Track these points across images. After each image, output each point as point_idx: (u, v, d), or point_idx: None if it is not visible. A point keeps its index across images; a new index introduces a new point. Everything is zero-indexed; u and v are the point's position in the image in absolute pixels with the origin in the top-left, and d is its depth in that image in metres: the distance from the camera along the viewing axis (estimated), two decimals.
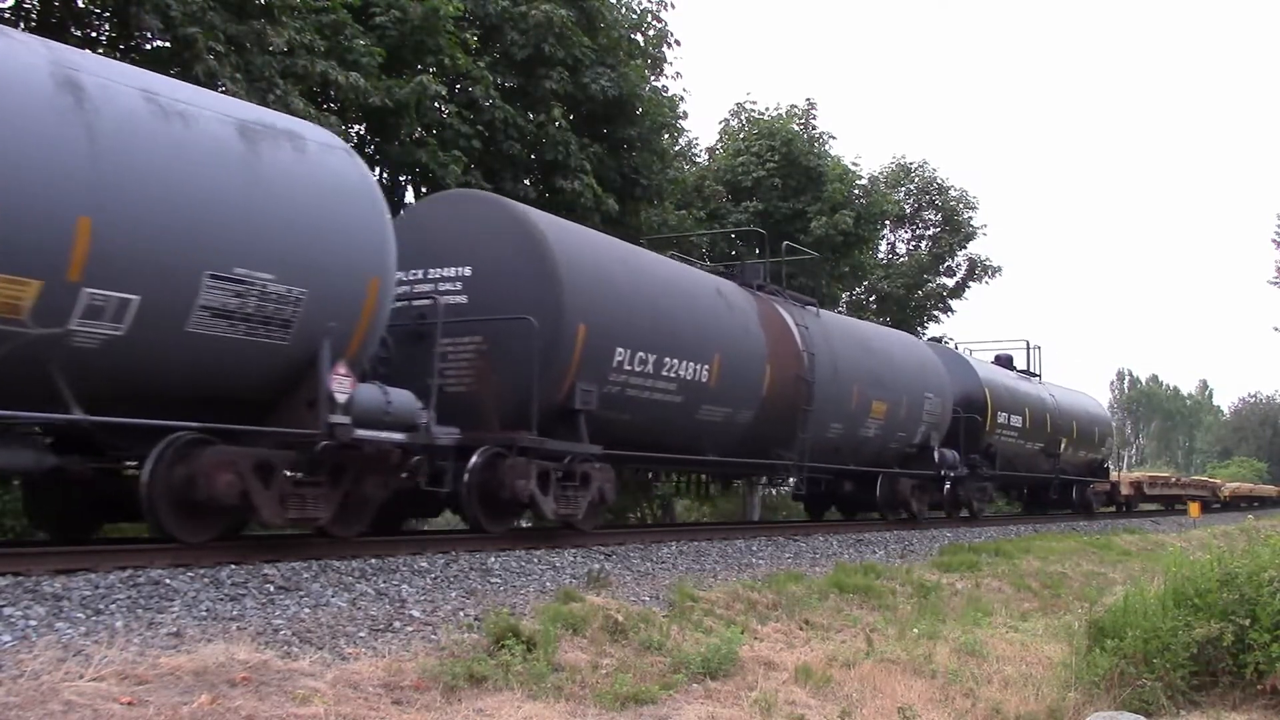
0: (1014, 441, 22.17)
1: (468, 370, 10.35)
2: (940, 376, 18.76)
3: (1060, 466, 25.20)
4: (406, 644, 6.19)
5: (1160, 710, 6.50)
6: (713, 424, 12.86)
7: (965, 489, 19.70)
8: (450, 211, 11.05)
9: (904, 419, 17.17)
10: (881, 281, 32.79)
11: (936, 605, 10.15)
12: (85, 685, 4.61)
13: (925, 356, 18.93)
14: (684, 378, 12.02)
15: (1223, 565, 7.08)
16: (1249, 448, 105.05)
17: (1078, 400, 28.30)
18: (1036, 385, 25.01)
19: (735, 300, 13.70)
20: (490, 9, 17.31)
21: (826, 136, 27.42)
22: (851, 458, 16.17)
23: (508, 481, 9.80)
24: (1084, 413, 27.77)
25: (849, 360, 15.71)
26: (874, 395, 16.22)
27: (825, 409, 14.83)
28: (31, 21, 11.82)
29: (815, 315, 15.58)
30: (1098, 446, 28.47)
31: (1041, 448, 23.93)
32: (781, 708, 6.09)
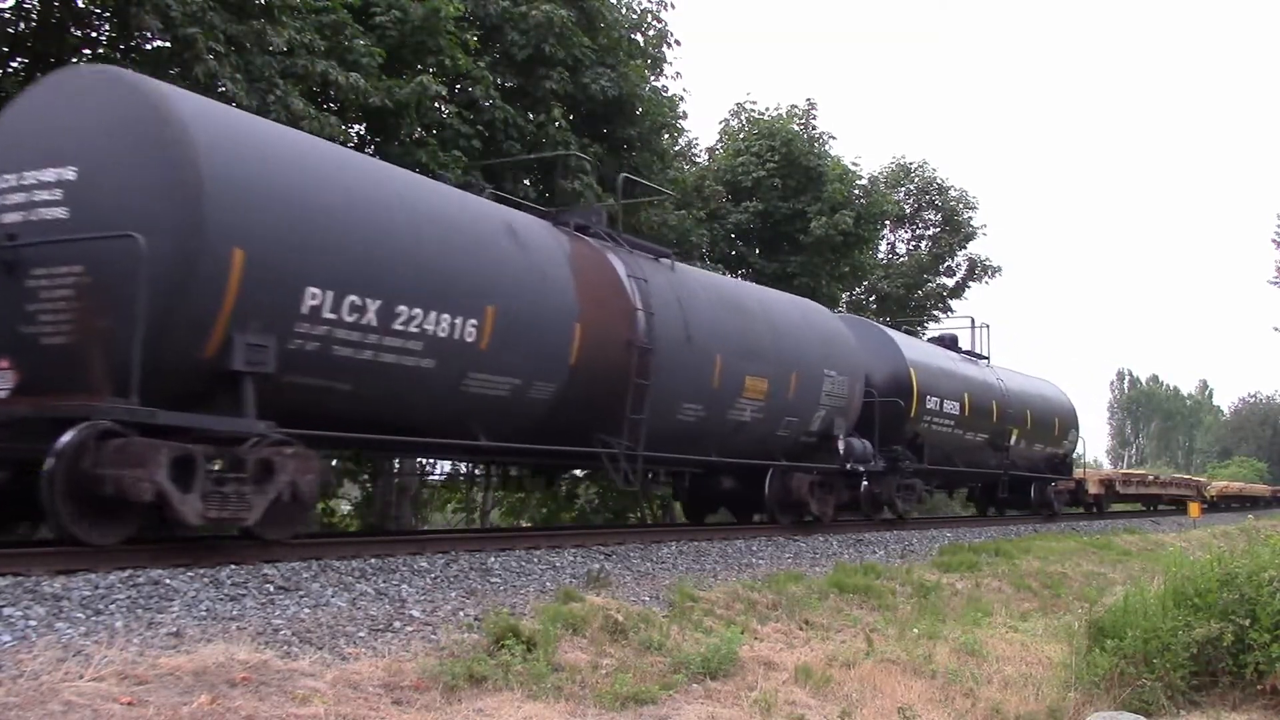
0: (949, 432, 19.26)
1: (66, 313, 7.43)
2: (848, 352, 15.82)
3: (1011, 461, 22.36)
4: (406, 644, 6.19)
5: (1160, 710, 6.51)
6: (490, 399, 9.84)
7: (885, 486, 17.00)
8: (54, 97, 7.91)
9: (794, 401, 14.24)
10: (881, 281, 32.78)
11: (936, 605, 10.15)
12: (85, 685, 4.61)
13: (827, 327, 15.79)
14: (435, 335, 9.01)
15: (1223, 565, 7.09)
16: (1249, 448, 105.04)
17: (1034, 387, 25.18)
18: (982, 368, 22.02)
19: (534, 240, 10.59)
20: (490, 9, 17.32)
21: (826, 136, 27.42)
22: (717, 447, 13.23)
23: (113, 473, 6.92)
24: (1041, 401, 24.69)
25: (710, 324, 12.74)
26: (748, 370, 13.19)
27: (673, 384, 11.97)
28: (32, 22, 11.81)
29: (668, 269, 12.79)
30: (1059, 439, 25.53)
31: (986, 439, 21.03)
32: (781, 708, 6.09)
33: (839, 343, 15.80)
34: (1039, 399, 24.57)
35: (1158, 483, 36.59)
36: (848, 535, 15.06)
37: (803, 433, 14.77)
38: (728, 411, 13.05)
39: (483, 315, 9.52)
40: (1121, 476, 32.46)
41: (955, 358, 20.92)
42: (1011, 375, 23.80)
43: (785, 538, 13.80)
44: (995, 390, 21.62)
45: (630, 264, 11.86)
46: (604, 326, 11.07)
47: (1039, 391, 25.21)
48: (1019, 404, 22.59)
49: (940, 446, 19.09)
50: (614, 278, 11.56)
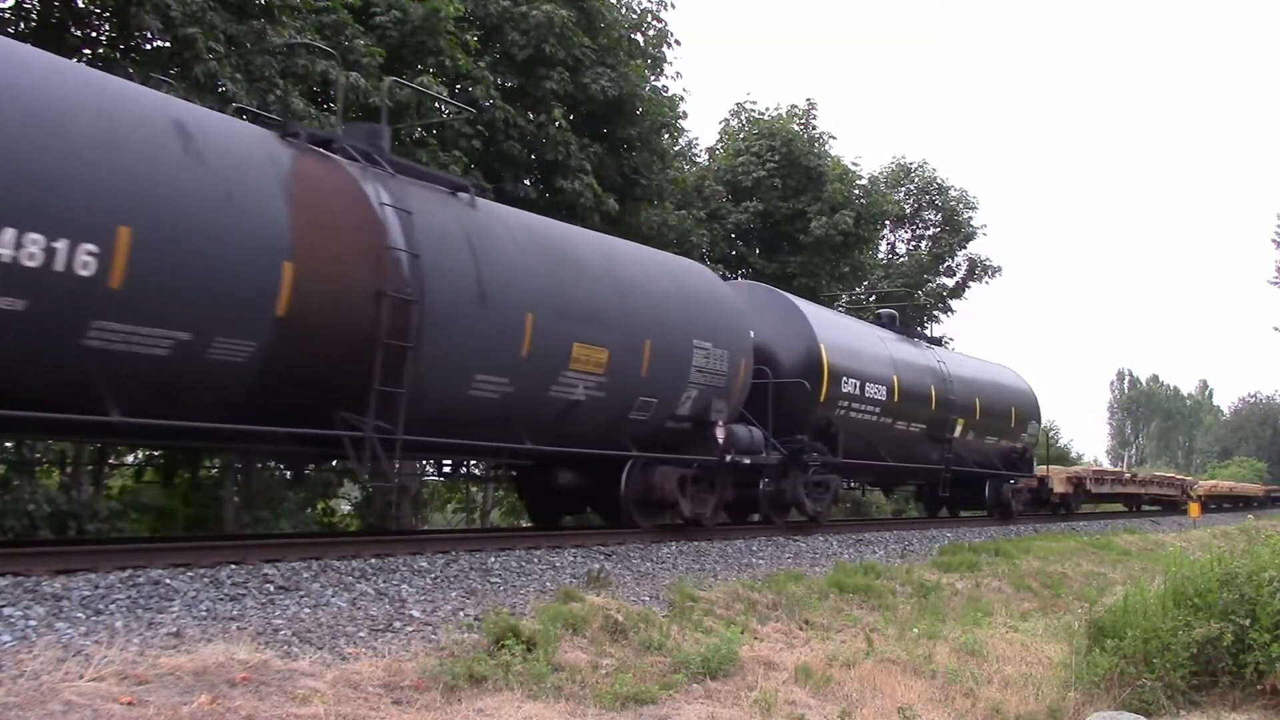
0: (873, 420, 16.72)
1: None
2: (729, 322, 13.11)
3: (956, 456, 19.76)
4: (406, 644, 6.19)
5: (1160, 710, 6.50)
6: (134, 359, 7.24)
7: (790, 483, 14.82)
8: None
9: (650, 378, 11.65)
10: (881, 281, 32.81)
11: (936, 605, 10.15)
12: (85, 685, 4.61)
13: (700, 290, 12.94)
14: (20, 264, 6.47)
15: (1223, 565, 7.09)
16: (1249, 448, 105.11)
17: (987, 373, 22.55)
18: (921, 350, 19.52)
19: (219, 148, 7.90)
20: (491, 9, 17.34)
21: (826, 136, 27.52)
22: (538, 432, 10.65)
23: None
24: (994, 389, 21.97)
25: (519, 276, 10.10)
26: (578, 335, 10.65)
27: (459, 350, 9.41)
28: (32, 22, 11.81)
29: (464, 204, 10.08)
30: (1016, 432, 22.80)
31: (923, 430, 18.49)
32: (781, 708, 6.09)
33: (716, 310, 12.94)
34: (991, 387, 21.94)
35: (1136, 481, 33.78)
36: (848, 535, 15.06)
37: (668, 417, 12.18)
38: (549, 388, 10.43)
39: (110, 239, 6.84)
40: (1093, 474, 29.31)
41: (886, 336, 18.41)
42: (958, 360, 21.39)
43: (785, 538, 13.80)
44: (935, 375, 18.95)
45: (393, 192, 9.10)
46: (335, 269, 8.41)
47: (992, 378, 22.57)
48: (965, 391, 19.94)
49: (862, 437, 16.54)
50: (359, 208, 8.82)
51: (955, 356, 21.53)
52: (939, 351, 20.32)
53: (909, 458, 18.43)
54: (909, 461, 18.53)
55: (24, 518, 11.66)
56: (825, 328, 15.92)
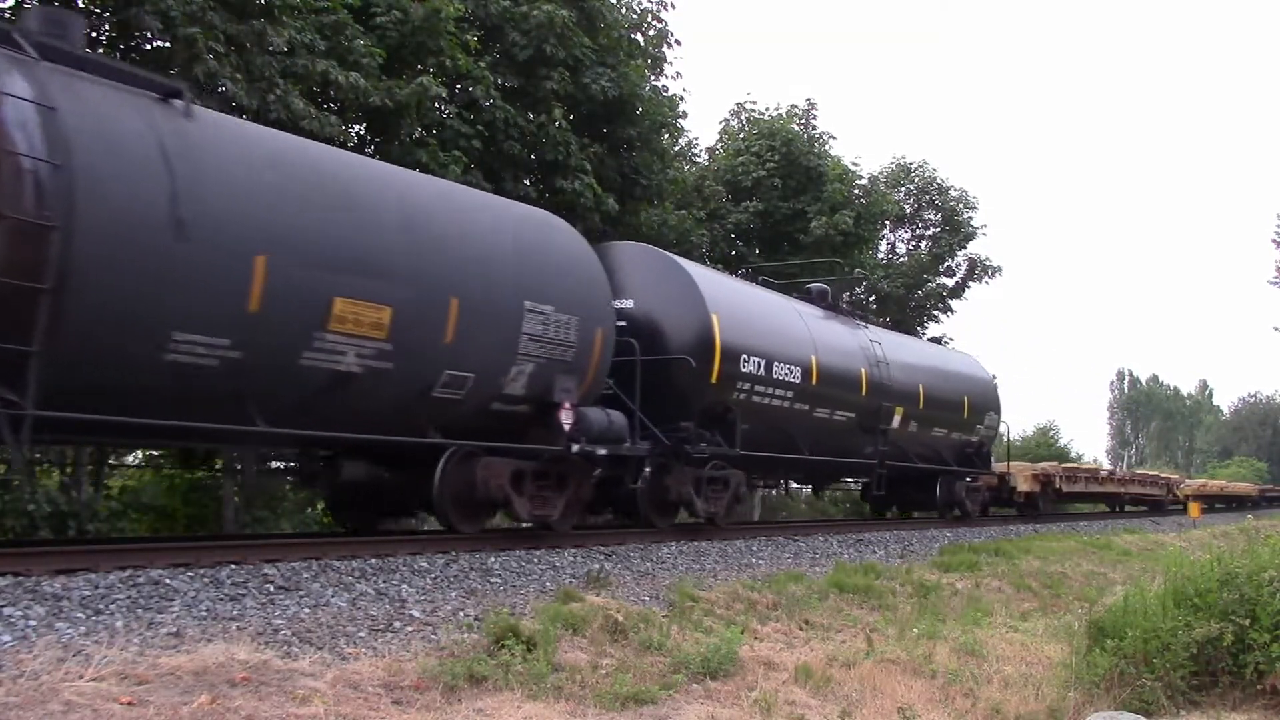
0: (784, 406, 14.33)
1: None
2: (580, 282, 10.83)
3: (894, 449, 17.55)
4: (406, 644, 6.20)
5: (1160, 710, 6.50)
6: None
7: (676, 479, 12.48)
8: None
9: (458, 346, 9.36)
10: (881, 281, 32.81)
11: (936, 605, 10.15)
12: (85, 685, 4.62)
13: (539, 242, 10.57)
14: None
15: (1223, 565, 7.09)
16: (1249, 448, 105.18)
17: (934, 358, 20.46)
18: (851, 328, 17.12)
19: None
20: (491, 9, 17.34)
21: (826, 136, 27.47)
22: (284, 411, 8.39)
23: None
24: (942, 376, 19.66)
25: (247, 205, 7.85)
26: (340, 288, 8.37)
27: (142, 299, 7.20)
28: None
29: (176, 114, 7.70)
30: (970, 424, 20.38)
31: (852, 420, 16.18)
32: (781, 708, 6.09)
33: (563, 267, 10.64)
34: (939, 373, 19.61)
35: (1115, 480, 30.83)
36: (848, 535, 15.06)
37: (493, 397, 9.95)
38: (300, 355, 8.19)
39: None
40: (1064, 472, 26.42)
41: (806, 312, 16.10)
42: (900, 342, 19.08)
43: (785, 538, 13.81)
44: (867, 357, 16.66)
45: (33, 83, 6.88)
46: None
47: (941, 364, 20.32)
48: (906, 377, 17.75)
49: (773, 426, 14.24)
50: None
51: (896, 338, 19.14)
52: (876, 332, 17.92)
53: (836, 450, 16.02)
54: (836, 455, 16.07)
55: (24, 518, 11.65)
56: (720, 297, 13.38)
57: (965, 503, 20.15)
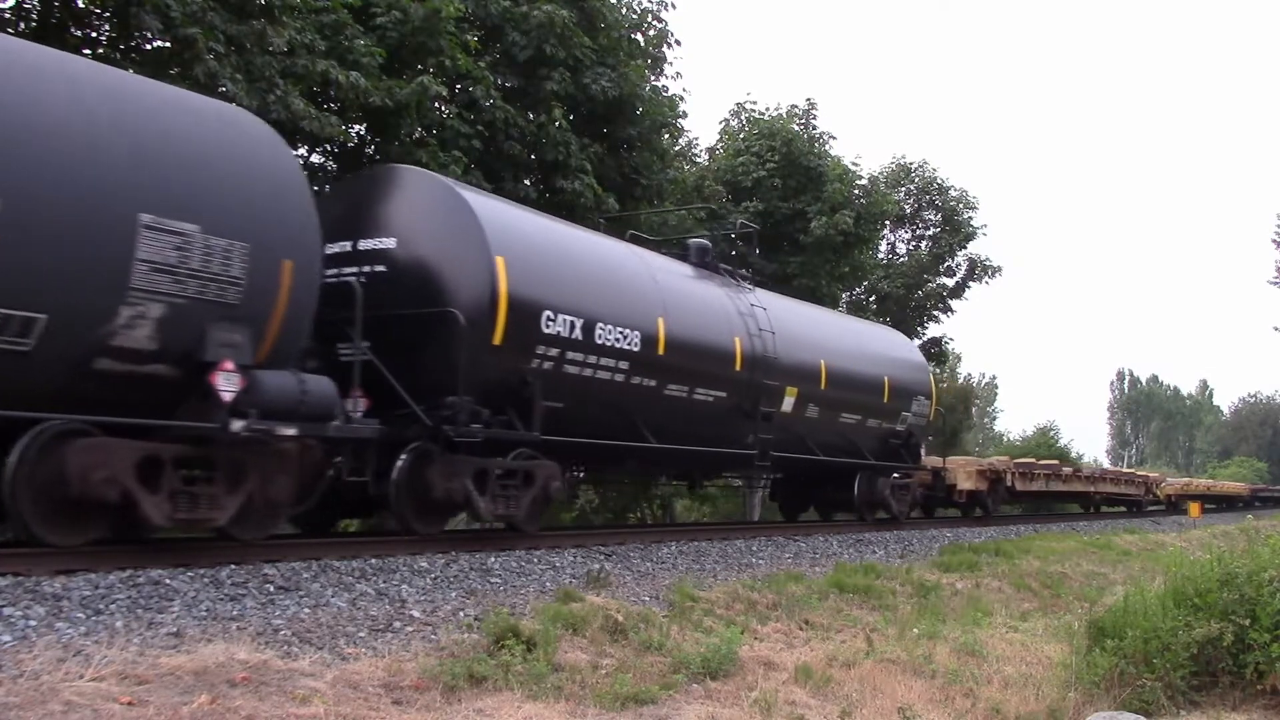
0: (616, 381, 11.38)
1: None
2: (257, 190, 7.97)
3: (786, 438, 14.46)
4: (406, 644, 6.20)
5: (1160, 710, 6.51)
6: None
7: (442, 470, 9.47)
8: None
9: (13, 268, 6.56)
10: (881, 281, 32.81)
11: (936, 605, 10.16)
12: (85, 685, 4.62)
13: (174, 126, 7.60)
14: None
15: (1223, 565, 7.09)
16: (1249, 448, 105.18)
17: (843, 330, 17.40)
18: (726, 289, 14.10)
19: None
20: (491, 9, 17.35)
21: (826, 136, 27.43)
22: None
23: None
24: (853, 353, 16.57)
25: None
26: None
27: None
28: (32, 22, 11.82)
29: None
30: (893, 411, 17.33)
31: (723, 400, 13.08)
32: (781, 708, 6.09)
33: (225, 170, 7.77)
34: (850, 349, 16.62)
35: (1083, 478, 27.29)
36: (848, 535, 15.05)
37: (95, 351, 7.04)
38: None
39: None
40: (1017, 468, 23.06)
41: (654, 264, 12.97)
42: (793, 309, 16.05)
43: (785, 537, 13.80)
44: (745, 325, 13.66)
45: None
46: None
47: (852, 338, 17.18)
48: (801, 351, 14.83)
49: (600, 405, 11.35)
50: None
51: (790, 305, 16.21)
52: (764, 296, 14.82)
53: (700, 438, 12.98)
54: (698, 443, 12.95)
55: None
56: (514, 237, 10.42)
57: (891, 502, 17.16)
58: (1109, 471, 31.20)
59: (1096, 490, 27.93)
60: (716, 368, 13.02)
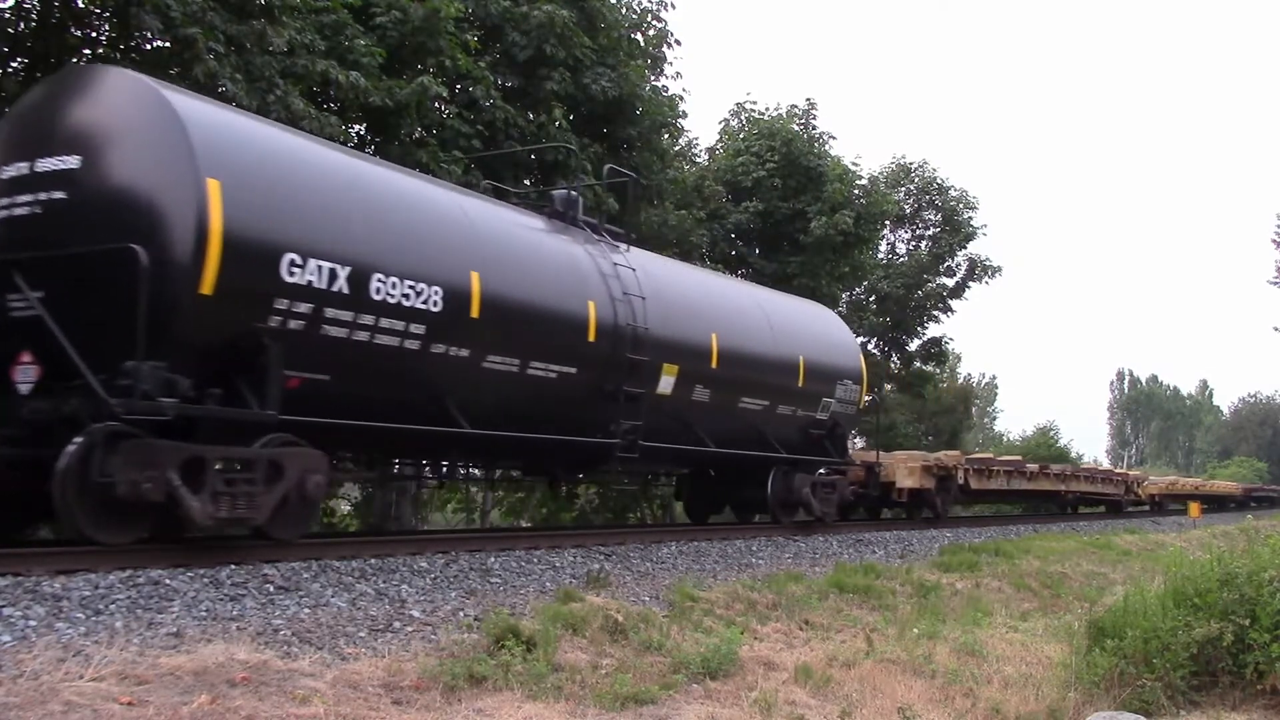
0: (404, 349, 8.97)
1: None
2: None
3: (661, 425, 12.05)
4: (406, 644, 6.20)
5: (1160, 710, 6.50)
6: None
7: (132, 458, 7.06)
8: None
9: None
10: (881, 281, 32.80)
11: (936, 605, 10.15)
12: (85, 685, 4.62)
13: None
14: None
15: (1223, 565, 7.09)
16: (1249, 448, 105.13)
17: (743, 299, 14.52)
18: (582, 245, 11.60)
19: None
20: (491, 9, 17.35)
21: (826, 136, 27.42)
22: None
23: None
24: (757, 324, 14.10)
25: None
26: None
27: None
28: (32, 22, 11.81)
29: None
30: (811, 397, 14.87)
31: (572, 378, 10.78)
32: (781, 708, 6.09)
33: None
34: (755, 324, 14.06)
35: (1052, 475, 24.56)
36: (848, 535, 15.04)
37: None
38: None
39: None
40: (972, 464, 20.41)
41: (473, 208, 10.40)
42: (679, 272, 13.71)
43: (785, 537, 13.79)
44: (603, 287, 11.28)
45: None
46: None
47: (758, 313, 14.34)
48: (689, 322, 12.62)
49: (383, 378, 8.91)
50: None
51: (676, 269, 13.84)
52: (639, 257, 12.42)
53: (541, 423, 10.60)
54: (538, 430, 10.52)
55: None
56: (244, 154, 8.05)
57: (812, 502, 14.73)
58: (1083, 469, 28.10)
59: (1069, 490, 25.64)
60: (561, 337, 10.69)
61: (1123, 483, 29.23)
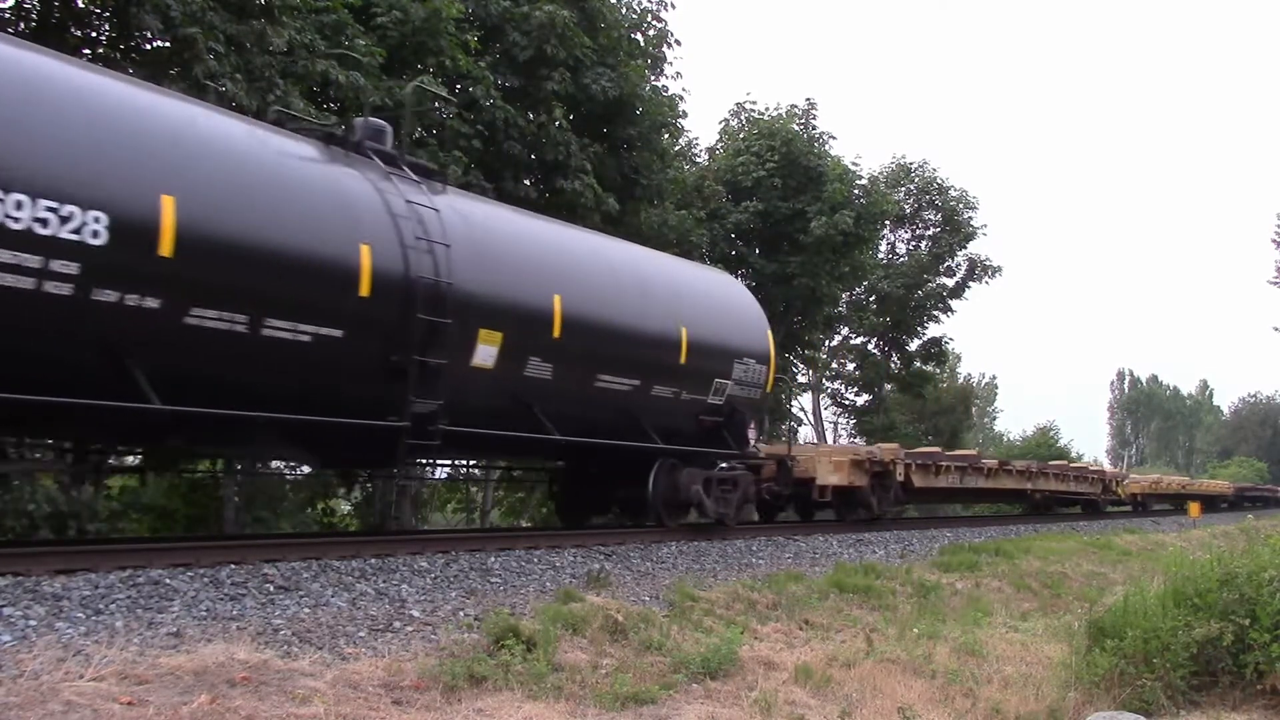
0: (39, 292, 6.61)
1: None
2: None
3: (469, 402, 9.64)
4: (406, 644, 6.20)
5: (1160, 710, 6.50)
6: None
7: None
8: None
9: None
10: (881, 281, 32.82)
11: (936, 605, 10.15)
12: (85, 685, 4.62)
13: None
14: None
15: (1223, 565, 7.09)
16: (1249, 448, 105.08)
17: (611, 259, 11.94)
18: (366, 178, 9.30)
19: None
20: (491, 9, 17.36)
21: (826, 136, 27.47)
22: None
23: None
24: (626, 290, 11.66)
25: None
26: None
27: None
28: (32, 22, 11.82)
29: None
30: (699, 375, 12.42)
31: (333, 342, 8.45)
32: (781, 708, 6.09)
33: None
34: (620, 287, 11.56)
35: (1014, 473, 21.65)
36: (847, 535, 15.03)
37: None
38: None
39: None
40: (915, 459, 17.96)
41: (183, 114, 8.02)
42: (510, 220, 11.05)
43: (785, 538, 13.79)
44: (389, 229, 9.04)
45: None
46: None
47: (627, 274, 11.82)
48: (519, 279, 10.30)
49: (9, 333, 6.74)
50: None
51: (504, 215, 11.09)
52: (452, 199, 10.23)
53: (289, 399, 8.38)
54: (285, 410, 8.28)
55: (24, 518, 11.64)
56: None
57: (705, 502, 12.34)
58: (1053, 465, 25.32)
59: (1035, 488, 22.97)
60: (314, 289, 8.35)
61: (1099, 480, 26.85)
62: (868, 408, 36.92)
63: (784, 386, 30.08)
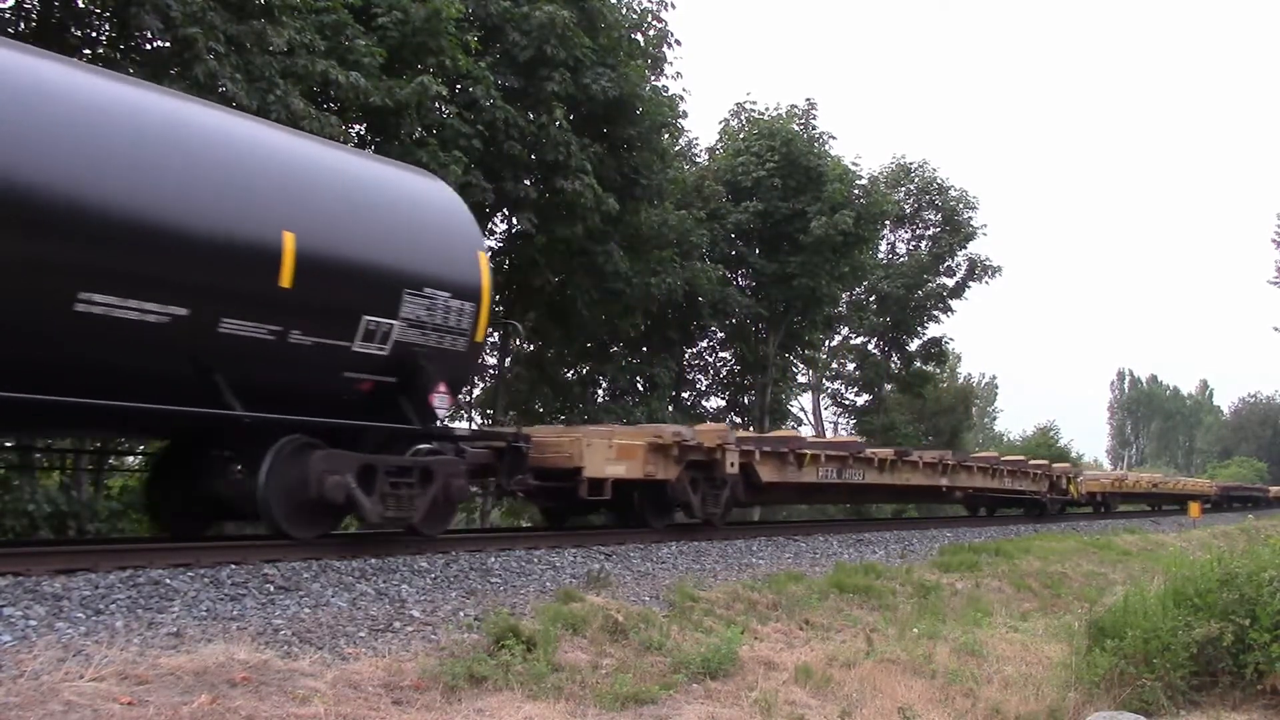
0: None
1: None
2: None
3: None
4: (406, 644, 6.20)
5: (1160, 710, 6.50)
6: None
7: None
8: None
9: None
10: (881, 281, 32.83)
11: (936, 605, 10.15)
12: (85, 685, 4.61)
13: None
14: None
15: (1223, 565, 7.09)
16: (1249, 448, 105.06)
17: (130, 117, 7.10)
18: None
19: None
20: (492, 9, 17.36)
21: (826, 136, 27.46)
22: None
23: None
24: (166, 157, 7.15)
25: None
26: None
27: None
28: (32, 22, 11.82)
29: None
30: (338, 314, 8.33)
31: None
32: (781, 708, 6.09)
33: None
34: (152, 161, 7.09)
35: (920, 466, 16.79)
36: (848, 535, 15.02)
37: None
38: None
39: None
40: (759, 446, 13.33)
41: None
42: None
43: (785, 538, 13.78)
44: None
45: None
46: None
47: (175, 143, 7.31)
48: None
49: None
50: None
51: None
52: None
53: None
54: None
55: (24, 518, 11.64)
56: None
57: (362, 501, 8.34)
58: (982, 458, 19.94)
59: (953, 485, 18.09)
60: None
61: (1045, 477, 22.68)
62: (868, 408, 36.96)
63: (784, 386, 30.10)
